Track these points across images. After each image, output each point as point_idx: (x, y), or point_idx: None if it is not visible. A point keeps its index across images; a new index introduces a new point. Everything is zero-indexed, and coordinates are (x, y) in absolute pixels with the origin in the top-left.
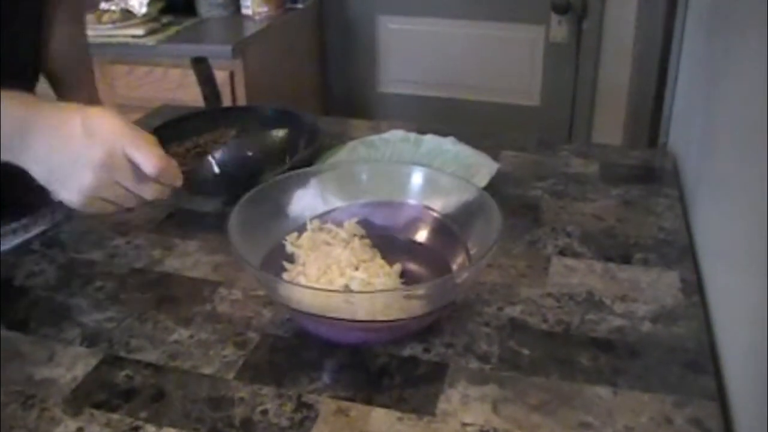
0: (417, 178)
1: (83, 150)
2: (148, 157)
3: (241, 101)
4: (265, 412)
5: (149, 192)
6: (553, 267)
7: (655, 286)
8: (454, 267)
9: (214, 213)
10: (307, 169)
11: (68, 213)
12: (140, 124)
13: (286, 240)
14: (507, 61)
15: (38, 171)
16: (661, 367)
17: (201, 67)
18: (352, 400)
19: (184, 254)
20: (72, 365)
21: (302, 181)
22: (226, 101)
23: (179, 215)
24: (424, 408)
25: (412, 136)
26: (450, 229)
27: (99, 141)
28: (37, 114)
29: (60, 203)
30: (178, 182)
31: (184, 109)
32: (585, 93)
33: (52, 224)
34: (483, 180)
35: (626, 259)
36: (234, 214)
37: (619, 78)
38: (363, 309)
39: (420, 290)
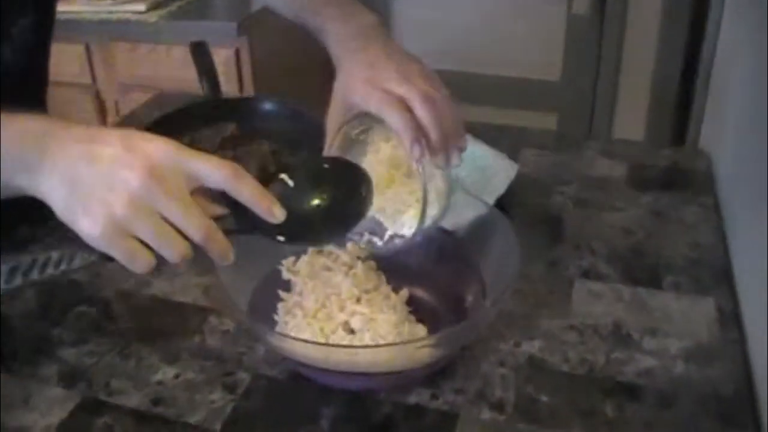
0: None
1: (120, 164)
2: (213, 163)
3: (247, 81)
4: None
5: (199, 227)
6: (576, 293)
7: (689, 316)
8: (467, 296)
9: None
10: None
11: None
12: (136, 114)
13: (282, 265)
14: (526, 33)
15: (56, 192)
16: (693, 420)
17: (200, 51)
18: None
19: (173, 274)
20: (48, 410)
21: None
22: (231, 81)
23: None
24: None
25: None
26: (462, 251)
27: (142, 154)
28: (64, 129)
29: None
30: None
31: (182, 97)
32: (608, 68)
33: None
34: (501, 186)
35: (656, 283)
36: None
37: (645, 54)
38: (366, 361)
39: (431, 341)
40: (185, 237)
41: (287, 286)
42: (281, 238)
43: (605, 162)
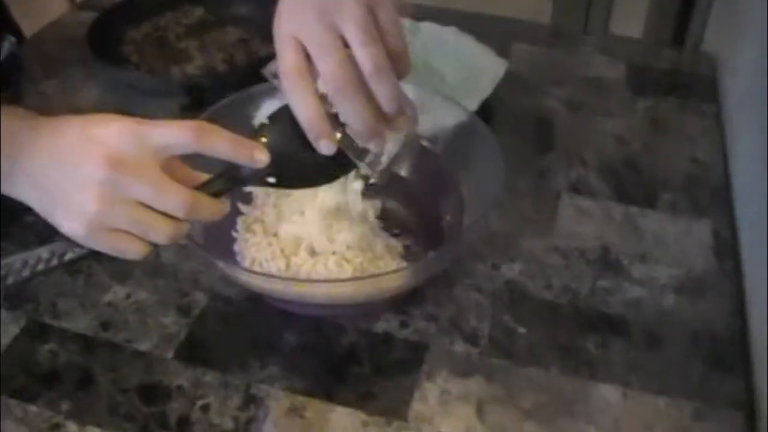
0: None
1: (82, 160)
2: (175, 129)
3: None
4: (206, 408)
5: (178, 202)
6: (564, 209)
7: (683, 241)
8: (445, 213)
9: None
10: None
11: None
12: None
13: None
14: None
15: (31, 197)
16: (681, 361)
17: None
18: (309, 394)
19: None
20: None
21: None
22: None
23: None
24: (395, 409)
25: (407, 22)
26: (438, 161)
27: (99, 144)
28: (34, 129)
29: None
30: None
31: None
32: None
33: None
34: (487, 88)
35: (651, 202)
36: None
37: None
38: (326, 295)
39: (405, 274)
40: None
41: (248, 198)
42: (272, 180)
43: (602, 60)
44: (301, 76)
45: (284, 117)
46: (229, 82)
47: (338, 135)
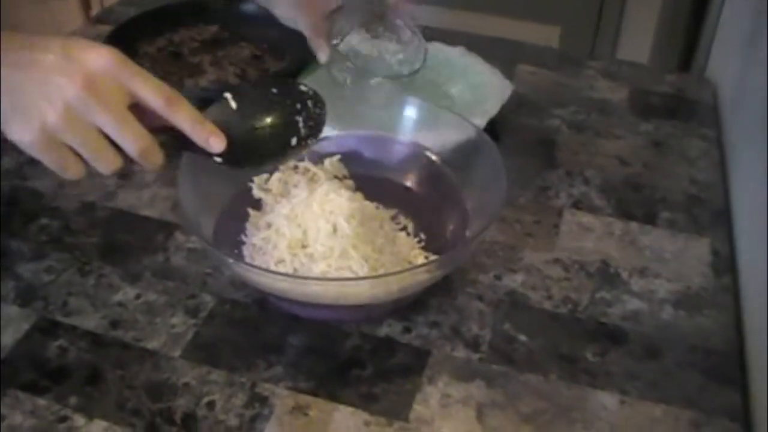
0: (410, 111)
1: (57, 75)
2: (152, 85)
3: None
4: (211, 405)
5: (134, 141)
6: (565, 224)
7: (682, 257)
8: (448, 225)
9: None
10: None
11: None
12: (114, 11)
13: (252, 182)
14: None
15: None
16: (679, 371)
17: None
18: (313, 394)
19: (140, 185)
20: (2, 330)
21: None
22: None
23: None
24: (397, 411)
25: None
26: (445, 174)
27: (81, 63)
28: (6, 37)
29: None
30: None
31: None
32: None
33: None
34: (494, 107)
35: (650, 219)
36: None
37: None
38: (333, 295)
39: (411, 275)
40: (119, 149)
41: (258, 206)
42: (218, 160)
43: (606, 84)
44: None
45: (228, 102)
46: None
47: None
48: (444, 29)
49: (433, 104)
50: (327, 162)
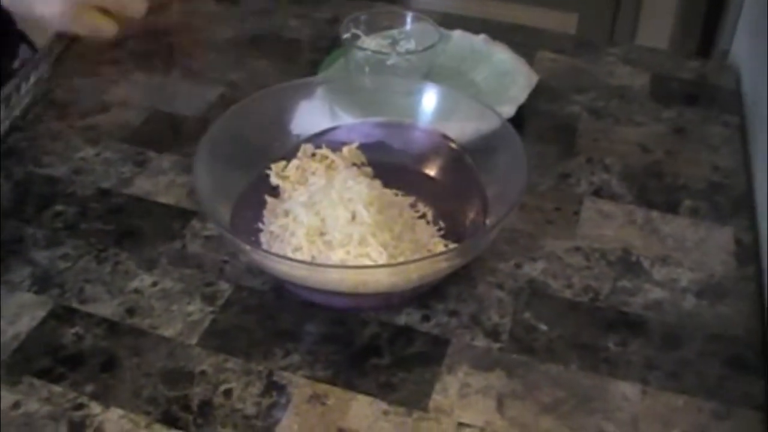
0: (431, 97)
1: None
2: None
3: None
4: (228, 394)
5: None
6: (586, 212)
7: (704, 246)
8: (469, 213)
9: (197, 117)
10: (310, 78)
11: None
12: None
13: (270, 169)
14: None
15: None
16: (701, 361)
17: None
18: (331, 382)
19: (157, 172)
20: (16, 318)
21: (306, 91)
22: None
23: (156, 120)
24: (416, 400)
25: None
26: (465, 162)
27: None
28: None
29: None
30: None
31: None
32: None
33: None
34: (521, 94)
35: (672, 207)
36: (213, 129)
37: None
38: (351, 283)
39: (431, 262)
40: None
41: (275, 193)
42: None
43: (626, 70)
44: None
45: None
46: None
47: None
48: (462, 15)
49: (453, 91)
50: (345, 149)
